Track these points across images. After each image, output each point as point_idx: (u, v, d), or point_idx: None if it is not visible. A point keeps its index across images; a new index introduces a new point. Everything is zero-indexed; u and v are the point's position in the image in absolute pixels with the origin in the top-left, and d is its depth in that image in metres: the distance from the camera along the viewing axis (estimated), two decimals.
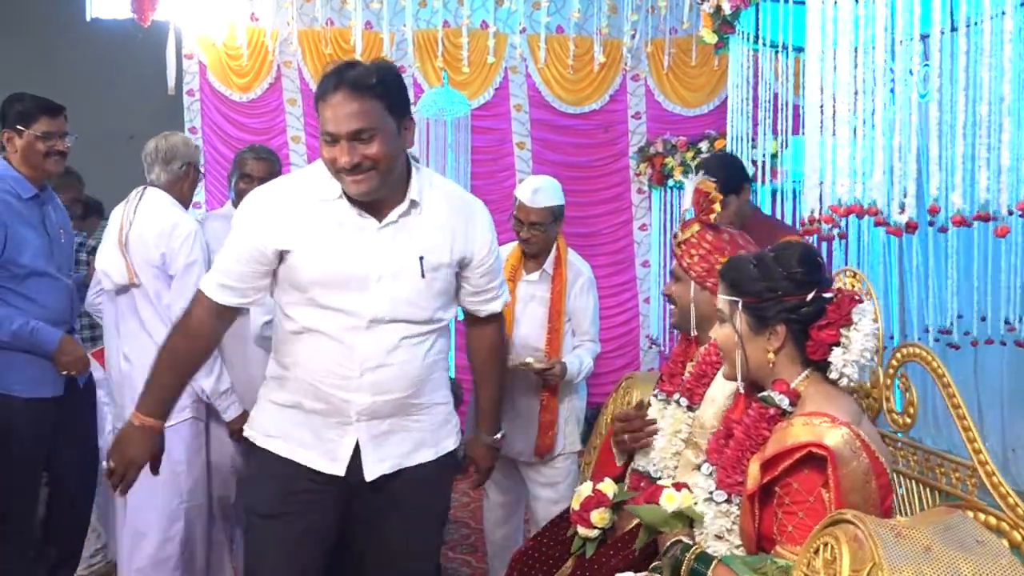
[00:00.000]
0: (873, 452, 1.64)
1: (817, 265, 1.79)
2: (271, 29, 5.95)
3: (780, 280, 1.76)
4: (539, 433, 3.15)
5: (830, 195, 2.61)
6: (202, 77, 5.97)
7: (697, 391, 2.16)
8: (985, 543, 1.47)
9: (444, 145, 5.80)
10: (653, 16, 6.08)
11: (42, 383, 2.94)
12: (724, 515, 1.78)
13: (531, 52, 6.16)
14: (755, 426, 1.76)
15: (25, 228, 2.90)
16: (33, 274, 2.90)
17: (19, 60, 6.68)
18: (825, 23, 2.69)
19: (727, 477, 1.78)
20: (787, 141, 4.54)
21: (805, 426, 1.64)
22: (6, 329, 2.84)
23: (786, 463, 1.63)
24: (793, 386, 1.76)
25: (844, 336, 1.72)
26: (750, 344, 1.80)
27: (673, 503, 1.87)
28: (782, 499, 1.65)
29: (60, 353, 2.93)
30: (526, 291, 3.21)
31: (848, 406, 1.74)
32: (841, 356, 1.72)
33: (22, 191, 2.93)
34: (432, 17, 6.05)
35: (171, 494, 2.94)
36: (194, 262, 2.88)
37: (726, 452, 1.81)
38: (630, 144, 6.31)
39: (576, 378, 3.17)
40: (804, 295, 1.75)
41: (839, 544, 1.43)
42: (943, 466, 1.91)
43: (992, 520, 1.71)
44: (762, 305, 1.78)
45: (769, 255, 1.83)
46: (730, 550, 1.76)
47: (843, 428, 1.62)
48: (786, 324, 1.76)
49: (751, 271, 1.80)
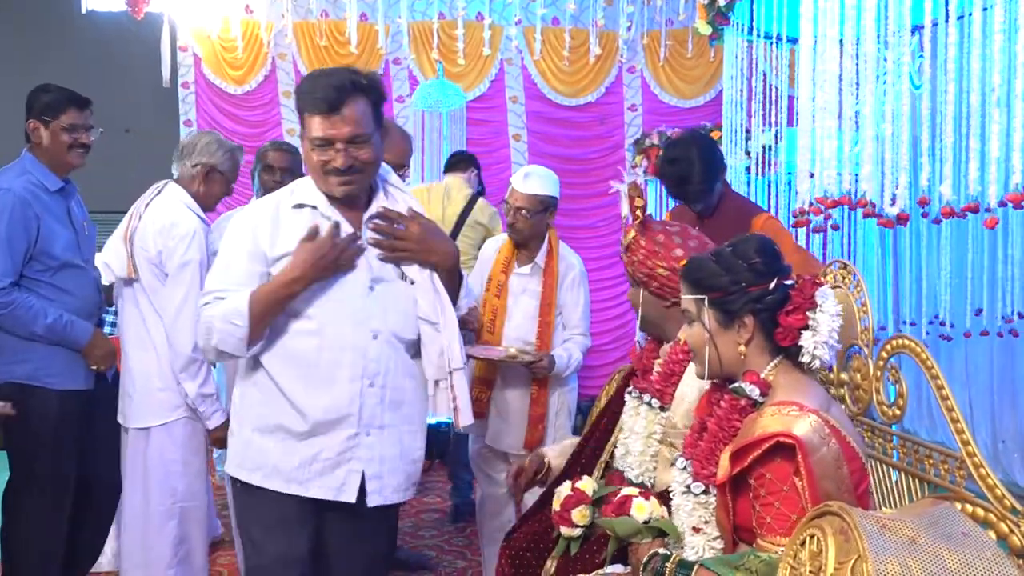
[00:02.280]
0: (844, 437, 1.65)
1: (775, 254, 1.81)
2: (266, 21, 5.94)
3: (742, 272, 1.78)
4: (529, 426, 3.15)
5: (820, 187, 2.61)
6: (197, 70, 5.96)
7: (667, 391, 2.17)
8: (971, 534, 1.47)
9: (439, 137, 5.79)
10: (649, 8, 6.08)
11: (73, 376, 2.94)
12: (703, 506, 1.80)
13: (527, 44, 6.15)
14: (727, 418, 1.78)
15: (53, 220, 2.90)
16: (65, 266, 2.91)
17: (13, 53, 6.67)
18: (817, 14, 2.69)
19: (702, 469, 1.79)
20: (782, 132, 4.54)
21: (774, 416, 1.65)
22: (41, 322, 2.84)
23: (755, 453, 1.64)
24: (763, 376, 1.78)
25: (811, 319, 1.74)
26: (720, 339, 1.81)
27: (644, 512, 1.90)
28: (757, 491, 1.66)
29: (91, 347, 2.94)
30: (517, 284, 3.21)
31: (817, 393, 1.75)
32: (811, 339, 1.73)
33: (49, 184, 2.93)
34: (427, 9, 6.04)
35: (165, 493, 2.93)
36: (188, 262, 2.84)
37: (700, 445, 1.83)
38: (626, 136, 6.31)
39: (564, 372, 3.17)
40: (767, 283, 1.76)
41: (825, 537, 1.43)
42: (931, 457, 1.91)
43: (980, 512, 1.71)
44: (728, 298, 1.79)
45: (727, 250, 1.84)
46: (707, 543, 1.79)
47: (811, 416, 1.63)
48: (754, 314, 1.77)
49: (712, 267, 1.82)
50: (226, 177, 3.05)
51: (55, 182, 2.95)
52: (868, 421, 2.07)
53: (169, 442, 2.91)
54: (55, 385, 2.91)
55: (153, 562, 2.93)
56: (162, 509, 2.93)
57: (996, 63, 2.05)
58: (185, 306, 2.80)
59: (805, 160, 2.83)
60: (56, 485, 2.96)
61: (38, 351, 2.89)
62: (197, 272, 2.83)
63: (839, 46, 2.59)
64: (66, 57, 6.55)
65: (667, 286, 2.17)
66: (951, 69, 2.14)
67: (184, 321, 2.79)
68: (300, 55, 6.01)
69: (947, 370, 4.70)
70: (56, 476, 2.96)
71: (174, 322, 2.84)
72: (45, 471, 2.94)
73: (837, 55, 2.58)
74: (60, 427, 2.93)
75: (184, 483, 2.95)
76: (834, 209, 2.56)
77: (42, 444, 2.91)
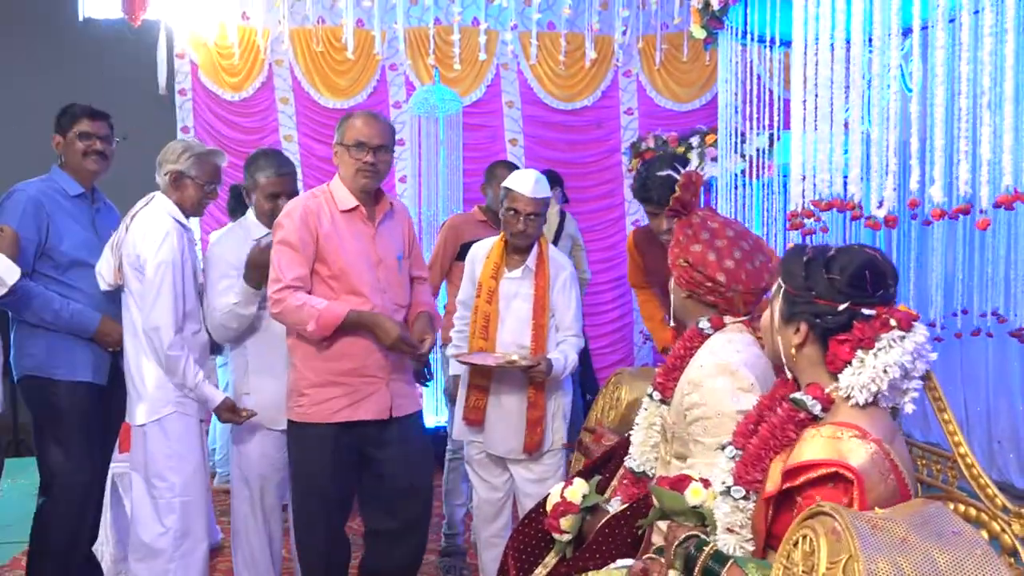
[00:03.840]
0: (901, 475, 1.59)
1: (864, 279, 1.69)
2: (262, 28, 5.96)
3: (819, 281, 1.72)
4: (527, 430, 3.15)
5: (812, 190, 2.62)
6: (194, 76, 5.98)
7: (668, 385, 2.18)
8: (961, 533, 1.48)
9: (436, 142, 5.81)
10: (644, 12, 6.10)
11: (78, 368, 3.09)
12: (740, 511, 1.77)
13: (523, 49, 6.17)
14: (783, 427, 1.73)
15: (70, 221, 3.10)
16: (75, 264, 3.08)
17: (12, 60, 6.68)
18: (808, 18, 2.70)
19: (746, 473, 1.76)
20: (778, 135, 4.55)
21: (832, 440, 1.58)
22: (49, 308, 3.01)
23: (809, 475, 1.59)
24: (827, 391, 1.72)
25: (858, 358, 1.67)
26: (779, 331, 1.79)
27: (698, 497, 1.87)
28: (802, 509, 1.58)
29: (101, 333, 3.08)
30: (509, 288, 3.20)
31: (883, 421, 1.67)
32: (849, 376, 1.66)
33: (69, 189, 3.15)
34: (423, 15, 6.06)
35: (164, 487, 2.99)
36: (160, 263, 2.91)
37: (748, 446, 1.78)
38: (622, 140, 6.32)
39: (562, 374, 3.17)
40: (836, 304, 1.69)
41: (817, 537, 1.44)
42: (924, 458, 1.93)
43: (972, 511, 1.73)
44: (795, 298, 1.75)
45: (827, 252, 1.77)
46: (740, 544, 1.76)
47: (872, 444, 1.57)
48: (809, 325, 1.73)
49: (799, 262, 1.77)
50: (196, 182, 3.04)
51: (75, 188, 3.15)
52: None
53: (162, 437, 2.98)
54: (60, 376, 3.07)
55: (155, 555, 2.99)
56: (162, 503, 2.99)
57: (986, 66, 2.06)
58: (158, 303, 2.90)
59: (798, 163, 2.85)
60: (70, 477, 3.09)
61: (43, 344, 3.06)
62: (169, 272, 2.90)
63: (831, 50, 2.61)
64: (64, 64, 6.56)
65: (684, 277, 2.18)
66: (941, 72, 2.15)
67: (160, 318, 2.90)
68: (297, 61, 6.03)
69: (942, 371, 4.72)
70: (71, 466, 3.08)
71: (147, 319, 2.92)
72: (58, 462, 3.10)
73: (829, 59, 2.60)
74: (67, 417, 3.07)
75: (181, 478, 3.00)
76: (826, 212, 2.58)
77: (54, 434, 3.09)
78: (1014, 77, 2.14)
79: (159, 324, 2.90)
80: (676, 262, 2.20)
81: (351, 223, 2.89)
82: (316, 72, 6.05)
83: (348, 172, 2.88)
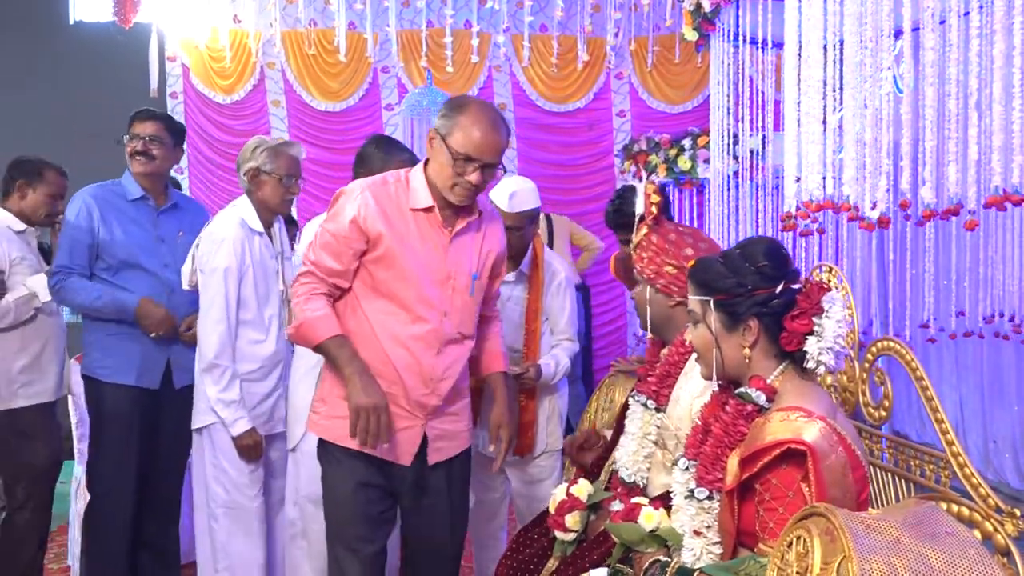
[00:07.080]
0: (849, 445, 1.65)
1: (784, 258, 1.80)
2: (254, 31, 5.94)
3: (749, 275, 1.78)
4: (519, 433, 3.14)
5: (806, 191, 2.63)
6: (185, 79, 5.96)
7: (662, 392, 2.18)
8: (955, 533, 1.49)
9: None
10: (636, 14, 6.10)
11: (125, 371, 3.11)
12: (706, 511, 1.79)
13: (515, 51, 6.17)
14: (733, 423, 1.77)
15: (128, 223, 3.15)
16: (126, 266, 3.12)
17: (2, 63, 6.65)
18: (801, 20, 2.71)
19: (707, 474, 1.78)
20: (769, 137, 4.57)
21: (782, 422, 1.64)
22: (92, 295, 3.07)
23: (765, 459, 1.64)
24: (769, 381, 1.77)
25: (817, 324, 1.73)
26: (725, 342, 1.81)
27: (652, 522, 1.92)
28: (762, 495, 1.66)
29: (141, 316, 3.08)
30: (503, 292, 3.17)
31: (823, 400, 1.74)
32: (816, 344, 1.72)
33: (129, 192, 3.19)
34: (415, 17, 6.05)
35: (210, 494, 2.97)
36: (215, 269, 2.88)
37: (704, 449, 1.82)
38: (615, 142, 6.33)
39: (552, 379, 3.16)
40: (773, 288, 1.76)
41: (811, 537, 1.44)
42: (918, 459, 1.94)
43: (965, 511, 1.74)
44: (733, 301, 1.79)
45: (735, 252, 1.84)
46: (706, 547, 1.78)
47: (819, 422, 1.63)
48: (758, 318, 1.77)
49: (719, 269, 1.82)
50: (274, 176, 2.94)
51: (135, 191, 3.19)
52: (855, 423, 2.09)
53: (210, 445, 2.96)
54: (105, 377, 3.11)
55: (201, 563, 3.01)
56: (207, 511, 2.99)
57: (975, 67, 2.07)
58: (211, 310, 2.88)
59: (791, 164, 2.86)
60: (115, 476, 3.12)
61: (97, 345, 3.14)
62: (223, 280, 2.87)
63: (823, 51, 2.62)
64: (55, 67, 6.53)
65: (673, 284, 2.19)
66: (931, 74, 2.16)
67: (210, 325, 2.88)
68: (288, 64, 6.02)
69: (937, 371, 4.75)
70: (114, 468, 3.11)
71: (201, 326, 2.93)
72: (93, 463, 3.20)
73: (821, 60, 2.61)
74: (106, 419, 3.12)
75: (224, 488, 2.94)
76: (819, 213, 2.59)
77: (93, 434, 3.20)
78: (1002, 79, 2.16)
79: (207, 330, 2.88)
80: (660, 271, 2.20)
81: (420, 224, 2.35)
82: (308, 75, 6.04)
83: (442, 180, 2.29)
